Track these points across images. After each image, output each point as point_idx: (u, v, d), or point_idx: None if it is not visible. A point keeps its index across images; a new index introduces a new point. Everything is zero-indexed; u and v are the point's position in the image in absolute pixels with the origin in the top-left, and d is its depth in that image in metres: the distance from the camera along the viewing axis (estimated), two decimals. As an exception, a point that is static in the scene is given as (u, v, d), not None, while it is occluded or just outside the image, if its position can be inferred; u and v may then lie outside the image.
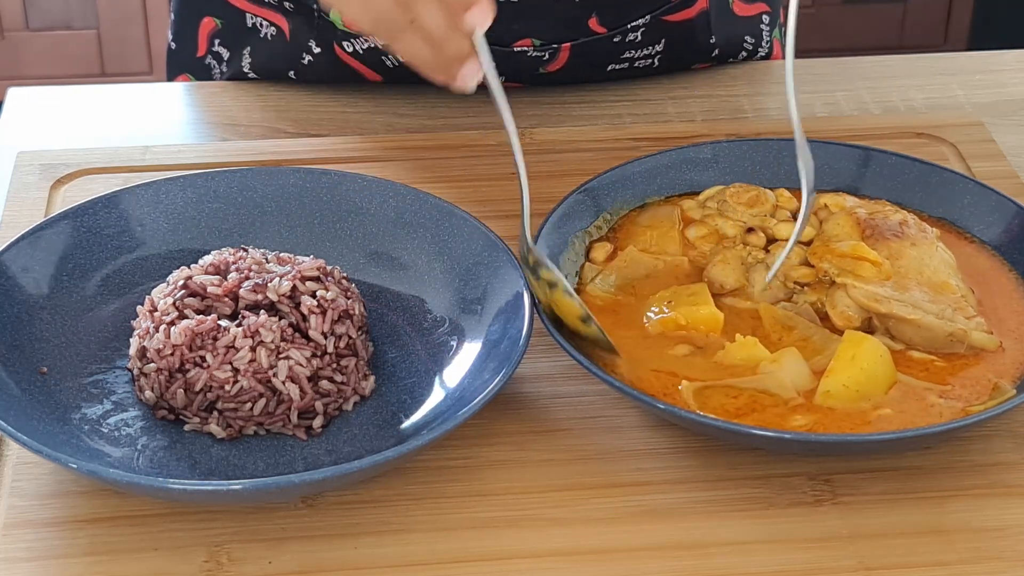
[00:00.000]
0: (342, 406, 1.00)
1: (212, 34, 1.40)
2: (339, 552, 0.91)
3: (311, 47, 1.34)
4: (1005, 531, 0.93)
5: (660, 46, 1.35)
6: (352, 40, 1.32)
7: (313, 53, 1.34)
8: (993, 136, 1.29)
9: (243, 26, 1.37)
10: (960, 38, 3.13)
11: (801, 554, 0.91)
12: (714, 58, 1.40)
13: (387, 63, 1.32)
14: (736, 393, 0.98)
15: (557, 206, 1.10)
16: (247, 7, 1.36)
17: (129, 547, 0.91)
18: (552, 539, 0.92)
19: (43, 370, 1.00)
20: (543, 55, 1.32)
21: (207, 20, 1.39)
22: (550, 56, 1.32)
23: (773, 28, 1.43)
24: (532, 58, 1.32)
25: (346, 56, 1.33)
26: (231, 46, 1.39)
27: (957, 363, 1.01)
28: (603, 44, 1.33)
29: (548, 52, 1.31)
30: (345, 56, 1.33)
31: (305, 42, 1.34)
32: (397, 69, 1.32)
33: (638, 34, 1.33)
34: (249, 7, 1.36)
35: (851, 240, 1.06)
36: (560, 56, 1.32)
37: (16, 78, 2.93)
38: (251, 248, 1.04)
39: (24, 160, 1.25)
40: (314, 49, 1.34)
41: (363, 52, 1.32)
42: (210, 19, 1.39)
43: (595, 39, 1.32)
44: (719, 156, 1.17)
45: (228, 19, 1.38)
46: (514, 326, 0.99)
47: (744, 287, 1.06)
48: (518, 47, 1.30)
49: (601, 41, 1.32)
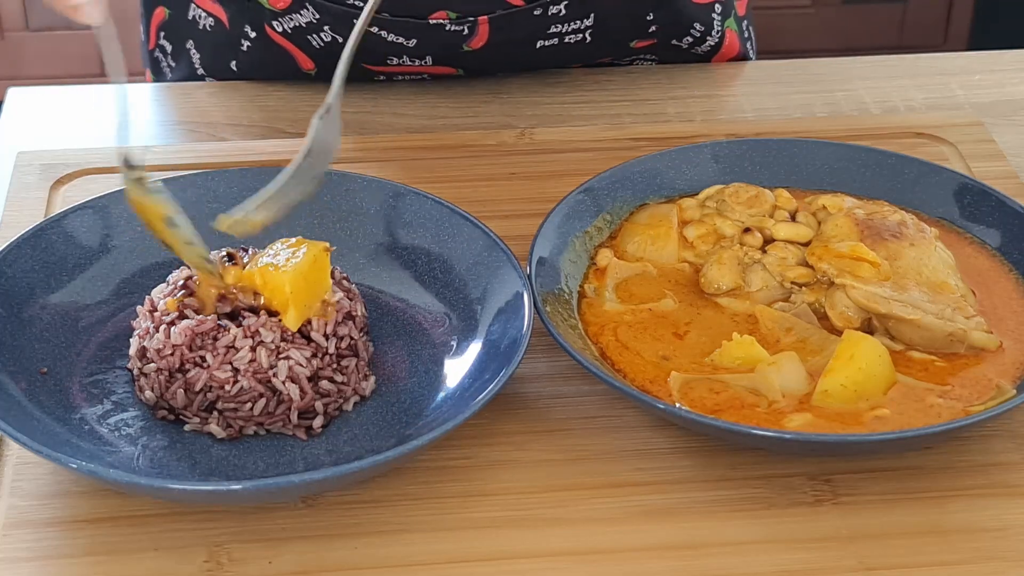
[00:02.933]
0: (342, 406, 1.00)
1: (160, 26, 1.40)
2: (339, 552, 0.91)
3: (247, 32, 1.34)
4: (1005, 531, 0.93)
5: (590, 20, 1.32)
6: (280, 19, 1.32)
7: (250, 38, 1.35)
8: (993, 136, 1.29)
9: (184, 18, 1.38)
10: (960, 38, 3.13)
11: (801, 554, 0.91)
12: (652, 35, 1.37)
13: (313, 43, 1.32)
14: (720, 388, 0.98)
15: (557, 206, 1.10)
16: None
17: (129, 547, 0.91)
18: (552, 539, 0.92)
19: (43, 370, 1.00)
20: (461, 29, 1.30)
21: (159, 10, 1.41)
22: (469, 30, 1.30)
23: (726, 19, 1.41)
24: (451, 32, 1.30)
25: (277, 36, 1.33)
26: (173, 40, 1.40)
27: (957, 363, 1.01)
28: (524, 17, 1.30)
29: (466, 26, 1.30)
30: (276, 36, 1.33)
31: (242, 28, 1.34)
32: (324, 49, 1.32)
33: (561, 7, 1.30)
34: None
35: (849, 241, 1.06)
36: (480, 31, 1.30)
37: (16, 78, 2.93)
38: (251, 248, 1.04)
39: (24, 160, 1.25)
40: (250, 34, 1.34)
41: (291, 32, 1.32)
42: (161, 9, 1.40)
43: (515, 11, 1.30)
44: (719, 156, 1.17)
45: (174, 9, 1.39)
46: (514, 326, 0.99)
47: (740, 287, 1.07)
48: (434, 19, 1.29)
49: (522, 13, 1.30)
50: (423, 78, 1.37)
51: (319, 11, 1.29)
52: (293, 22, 1.31)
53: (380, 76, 1.36)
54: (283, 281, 0.97)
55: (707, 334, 1.03)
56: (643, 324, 1.04)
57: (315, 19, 1.30)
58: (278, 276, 0.97)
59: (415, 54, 1.32)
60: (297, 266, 0.98)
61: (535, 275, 1.04)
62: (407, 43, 1.31)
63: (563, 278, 1.07)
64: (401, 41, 1.30)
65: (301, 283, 0.97)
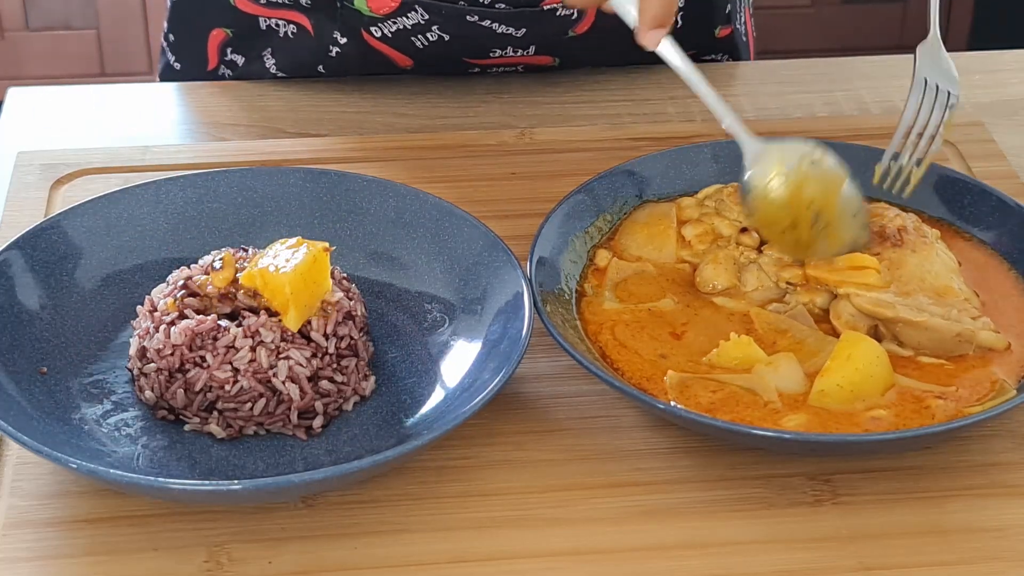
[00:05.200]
0: (342, 406, 1.00)
1: (223, 44, 1.39)
2: (339, 552, 0.91)
3: (337, 39, 1.33)
4: (1005, 531, 0.93)
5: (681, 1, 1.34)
6: (380, 24, 1.31)
7: (340, 44, 1.34)
8: (993, 136, 1.29)
9: (257, 30, 1.36)
10: (960, 38, 3.13)
11: (801, 554, 0.91)
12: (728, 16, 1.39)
13: (417, 44, 1.32)
14: (716, 388, 0.98)
15: (557, 206, 1.10)
16: (259, 11, 1.35)
17: (129, 547, 0.91)
18: (552, 539, 0.92)
19: (43, 370, 1.00)
20: (571, 13, 1.31)
21: (216, 32, 1.38)
22: (578, 14, 1.31)
23: None
24: (561, 18, 1.31)
25: (375, 42, 1.32)
26: (247, 51, 1.38)
27: (965, 365, 1.01)
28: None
29: (576, 10, 1.31)
30: (374, 42, 1.32)
31: (330, 34, 1.33)
32: (427, 50, 1.32)
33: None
34: (262, 11, 1.35)
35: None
36: (587, 15, 1.31)
37: (16, 78, 2.93)
38: (251, 248, 1.04)
39: (24, 160, 1.25)
40: (340, 40, 1.33)
41: (391, 36, 1.32)
42: (219, 31, 1.38)
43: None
44: (719, 156, 1.17)
45: (239, 27, 1.37)
46: (514, 326, 1.00)
47: (736, 287, 1.07)
48: (547, 4, 1.30)
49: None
50: (517, 70, 1.37)
51: (428, 11, 1.29)
52: (396, 25, 1.31)
53: (475, 68, 1.36)
54: (283, 282, 0.97)
55: (705, 334, 1.03)
56: (641, 323, 1.04)
57: (423, 20, 1.29)
58: (278, 277, 0.97)
59: (520, 44, 1.32)
60: (297, 266, 0.98)
61: (535, 275, 1.04)
62: (516, 33, 1.31)
63: (563, 278, 1.07)
64: (511, 32, 1.31)
65: (301, 283, 0.97)
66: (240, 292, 0.99)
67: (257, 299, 0.99)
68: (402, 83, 1.37)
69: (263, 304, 0.98)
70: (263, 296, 0.98)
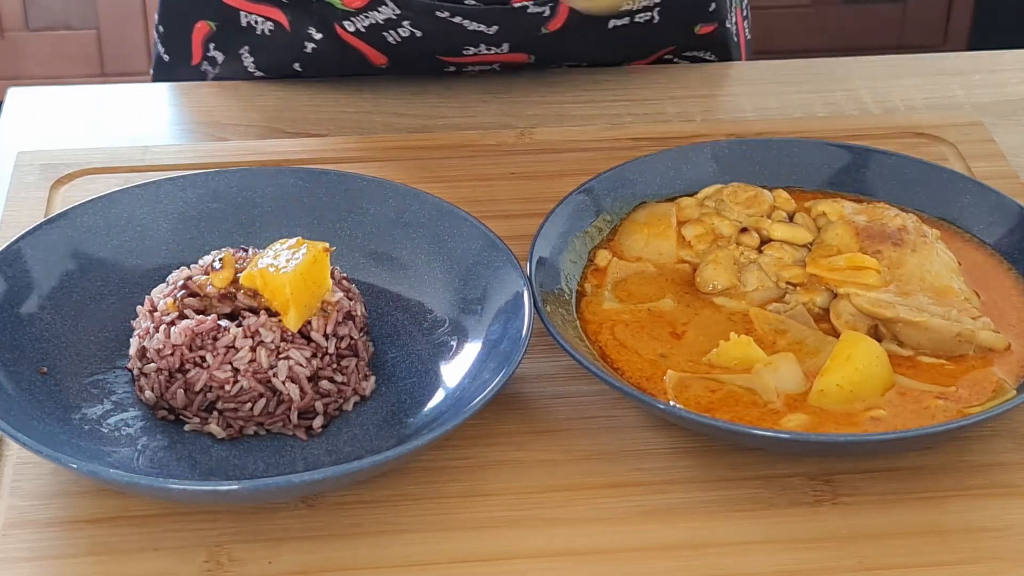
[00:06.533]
0: (342, 406, 1.00)
1: (206, 39, 1.39)
2: (339, 552, 0.91)
3: (312, 34, 1.33)
4: (1005, 531, 0.93)
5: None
6: (352, 19, 1.31)
7: (315, 40, 1.34)
8: (993, 136, 1.29)
9: (238, 26, 1.36)
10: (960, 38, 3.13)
11: (801, 554, 0.91)
12: (712, 15, 1.38)
13: (389, 39, 1.32)
14: (716, 387, 0.98)
15: (557, 206, 1.10)
16: (242, 5, 1.35)
17: (129, 547, 0.91)
18: (552, 539, 0.92)
19: (43, 370, 1.00)
20: (543, 10, 1.30)
21: (200, 25, 1.39)
22: (551, 11, 1.30)
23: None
24: (532, 15, 1.30)
25: (348, 36, 1.32)
26: (226, 48, 1.38)
27: (965, 365, 1.01)
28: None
29: (548, 7, 1.30)
30: (347, 36, 1.32)
31: (305, 30, 1.33)
32: (400, 46, 1.32)
33: None
34: (244, 4, 1.35)
35: (848, 251, 1.06)
36: (560, 11, 1.31)
37: (16, 78, 2.93)
38: (251, 248, 1.04)
39: (24, 160, 1.25)
40: (315, 36, 1.33)
41: (365, 30, 1.31)
42: (204, 23, 1.38)
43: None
44: (718, 156, 1.17)
45: (223, 21, 1.37)
46: (514, 326, 1.00)
47: (736, 287, 1.07)
48: (517, 3, 1.29)
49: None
50: (493, 69, 1.37)
51: (399, 6, 1.29)
52: (368, 20, 1.30)
53: (451, 67, 1.36)
54: (283, 282, 0.97)
55: (705, 334, 1.03)
56: (641, 323, 1.04)
57: (395, 15, 1.29)
58: (278, 277, 0.97)
59: (493, 41, 1.32)
60: (297, 267, 0.98)
61: (535, 275, 1.04)
62: (487, 30, 1.31)
63: (563, 278, 1.07)
64: (482, 29, 1.30)
65: (301, 283, 0.97)
66: (240, 292, 0.99)
67: (257, 299, 0.99)
68: (402, 83, 1.37)
69: (263, 304, 0.98)
70: (263, 296, 0.98)
